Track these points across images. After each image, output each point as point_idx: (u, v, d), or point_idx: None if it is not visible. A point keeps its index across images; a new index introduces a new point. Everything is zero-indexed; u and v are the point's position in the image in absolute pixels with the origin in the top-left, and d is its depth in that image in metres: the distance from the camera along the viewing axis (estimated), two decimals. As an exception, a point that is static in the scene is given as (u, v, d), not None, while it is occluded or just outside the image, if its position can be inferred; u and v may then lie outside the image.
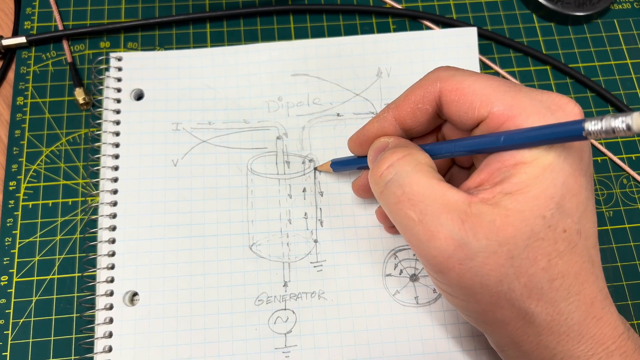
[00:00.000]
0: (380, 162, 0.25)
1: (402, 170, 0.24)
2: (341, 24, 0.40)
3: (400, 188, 0.23)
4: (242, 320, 0.31)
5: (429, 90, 0.26)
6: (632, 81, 0.39)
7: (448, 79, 0.25)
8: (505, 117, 0.23)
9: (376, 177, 0.25)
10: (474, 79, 0.24)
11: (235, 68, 0.37)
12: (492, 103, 0.23)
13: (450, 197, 0.22)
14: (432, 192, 0.23)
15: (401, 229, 0.24)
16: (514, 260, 0.22)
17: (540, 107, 0.23)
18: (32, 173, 0.35)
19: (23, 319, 0.32)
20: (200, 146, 0.35)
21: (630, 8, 0.41)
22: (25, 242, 0.33)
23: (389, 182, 0.24)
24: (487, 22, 0.41)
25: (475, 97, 0.24)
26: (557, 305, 0.22)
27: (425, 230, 0.22)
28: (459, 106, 0.25)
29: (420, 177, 0.23)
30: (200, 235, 0.33)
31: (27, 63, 0.38)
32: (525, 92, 0.23)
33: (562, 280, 0.22)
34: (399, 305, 0.32)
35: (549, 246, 0.22)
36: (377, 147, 0.27)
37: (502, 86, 0.24)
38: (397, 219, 0.24)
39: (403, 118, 0.27)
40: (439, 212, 0.22)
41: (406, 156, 0.24)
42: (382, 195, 0.24)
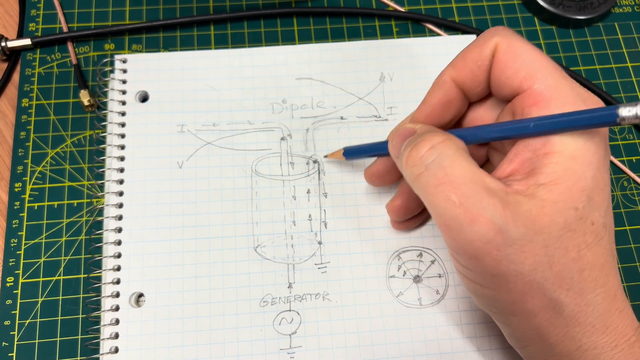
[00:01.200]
0: (421, 144, 0.24)
1: (444, 152, 0.23)
2: (344, 26, 0.40)
3: (442, 170, 0.23)
4: (248, 321, 0.32)
5: (486, 45, 0.25)
6: (632, 84, 0.40)
7: (505, 37, 0.25)
8: (541, 97, 0.23)
9: (415, 159, 0.24)
10: (528, 48, 0.24)
11: (239, 71, 0.37)
12: (536, 79, 0.23)
13: (489, 183, 0.22)
14: (474, 176, 0.22)
15: (438, 212, 0.23)
16: (548, 249, 0.22)
17: (577, 98, 0.23)
18: (38, 174, 0.35)
19: (29, 320, 0.32)
20: (205, 148, 0.35)
21: (631, 12, 0.42)
22: (31, 244, 0.34)
23: (431, 163, 0.23)
24: (489, 25, 0.41)
25: (523, 67, 0.24)
26: (585, 295, 0.23)
27: (466, 213, 0.22)
28: (505, 68, 0.24)
29: (462, 160, 0.23)
30: (206, 237, 0.33)
31: (32, 65, 0.38)
32: (568, 81, 0.24)
33: (590, 272, 0.22)
34: (403, 307, 0.32)
35: (579, 237, 0.22)
36: (402, 133, 0.27)
37: (549, 66, 0.24)
38: (436, 201, 0.23)
39: (462, 79, 0.26)
40: (481, 196, 0.22)
41: (447, 140, 0.24)
42: (421, 177, 0.24)
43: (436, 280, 0.33)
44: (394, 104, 0.37)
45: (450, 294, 0.33)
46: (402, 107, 0.36)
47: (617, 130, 0.38)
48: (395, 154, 0.27)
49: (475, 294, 0.25)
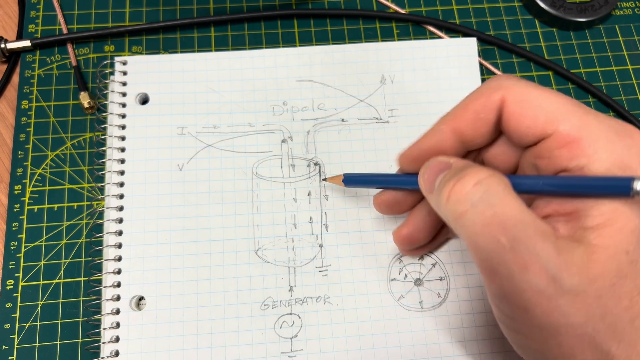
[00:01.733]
0: (465, 179, 0.22)
1: (493, 189, 0.21)
2: (345, 28, 0.40)
3: (490, 208, 0.21)
4: (248, 324, 0.31)
5: (490, 98, 0.24)
6: (633, 87, 0.40)
7: (511, 88, 0.23)
8: (570, 138, 0.22)
9: (459, 195, 0.22)
10: (540, 91, 0.23)
11: (240, 73, 0.37)
12: (559, 121, 0.22)
13: (541, 226, 0.21)
14: (525, 217, 0.21)
15: (484, 256, 0.21)
16: (601, 299, 0.20)
17: (609, 131, 0.22)
18: (37, 177, 0.35)
19: (29, 323, 0.32)
20: (205, 150, 0.35)
21: (632, 14, 0.42)
22: (31, 246, 0.34)
23: (477, 201, 0.21)
24: (490, 28, 0.41)
25: (541, 112, 0.23)
26: (635, 346, 0.21)
27: (517, 258, 0.20)
28: (521, 119, 0.23)
29: (512, 199, 0.21)
30: (206, 239, 0.33)
31: (32, 66, 0.38)
32: (594, 115, 0.22)
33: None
34: (404, 310, 0.32)
35: (631, 283, 0.21)
36: (435, 166, 0.25)
37: (569, 104, 0.22)
38: (483, 243, 0.21)
39: (462, 130, 0.25)
40: (534, 240, 0.20)
41: (493, 175, 0.22)
42: (465, 216, 0.22)
43: (437, 284, 0.33)
44: (394, 106, 0.36)
45: (451, 297, 0.33)
46: (403, 110, 0.36)
47: (618, 132, 0.38)
48: (428, 188, 0.25)
49: (519, 346, 0.24)
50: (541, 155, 0.23)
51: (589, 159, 0.21)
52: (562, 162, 0.22)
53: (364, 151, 0.35)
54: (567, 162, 0.22)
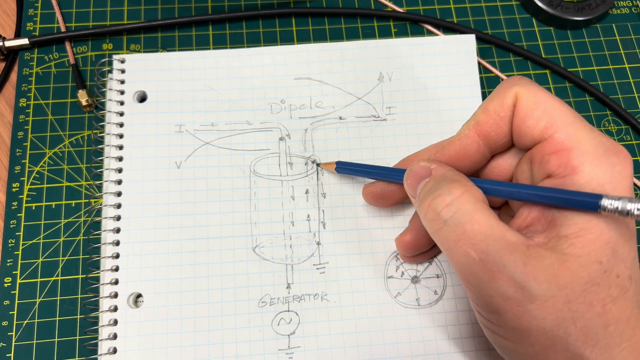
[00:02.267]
0: (438, 199, 0.24)
1: (462, 208, 0.23)
2: (343, 27, 0.40)
3: (460, 227, 0.23)
4: (246, 321, 0.32)
5: (506, 95, 0.25)
6: (629, 85, 0.40)
7: (524, 86, 0.25)
8: (562, 146, 0.23)
9: (433, 214, 0.24)
10: (548, 96, 0.24)
11: (238, 71, 0.37)
12: (557, 128, 0.23)
13: (509, 238, 0.22)
14: (493, 232, 0.22)
15: (458, 267, 0.24)
16: (571, 304, 0.21)
17: (599, 147, 0.23)
18: (35, 175, 0.35)
19: (27, 321, 0.32)
20: (203, 148, 0.35)
21: (629, 13, 0.42)
22: (29, 244, 0.34)
23: (448, 220, 0.23)
24: (488, 26, 0.41)
25: (544, 115, 0.24)
26: (611, 351, 0.22)
27: (486, 270, 0.22)
28: (526, 117, 0.24)
29: (480, 216, 0.23)
30: (204, 237, 0.33)
31: (30, 64, 0.38)
32: (589, 129, 0.23)
33: (616, 326, 0.22)
34: (401, 307, 0.32)
35: (604, 291, 0.22)
36: (417, 172, 0.26)
37: (570, 115, 0.24)
38: (455, 257, 0.23)
39: (487, 131, 0.26)
40: (500, 253, 0.22)
41: (464, 193, 0.24)
42: (440, 232, 0.24)
43: (434, 281, 0.33)
44: (392, 103, 0.37)
45: (448, 294, 0.33)
46: (401, 107, 0.36)
47: (615, 131, 0.39)
48: (411, 193, 0.27)
49: (497, 346, 0.25)
50: (535, 159, 0.25)
51: (573, 170, 0.23)
52: (550, 167, 0.24)
53: (361, 149, 0.35)
54: (554, 168, 0.23)
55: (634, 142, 0.38)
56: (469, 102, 0.37)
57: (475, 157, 0.27)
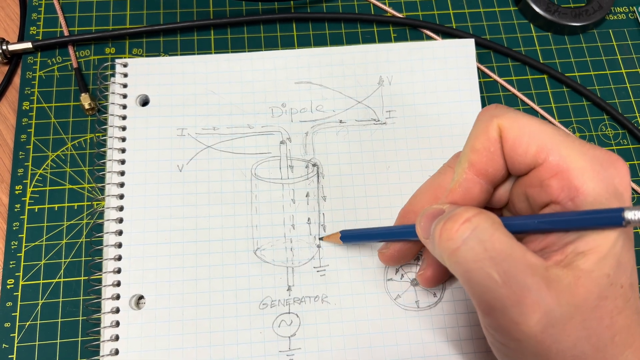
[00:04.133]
0: (454, 218, 0.23)
1: (481, 225, 0.22)
2: (343, 32, 0.41)
3: (481, 245, 0.22)
4: (247, 323, 0.32)
5: (489, 129, 0.25)
6: (626, 90, 0.40)
7: (504, 115, 0.24)
8: (558, 169, 0.23)
9: (450, 233, 0.23)
10: (529, 120, 0.24)
11: (239, 75, 0.37)
12: (549, 151, 0.23)
13: (530, 259, 0.21)
14: (514, 251, 0.21)
15: (477, 291, 0.22)
16: (586, 322, 0.21)
17: (594, 162, 0.23)
18: (38, 177, 0.35)
19: (29, 322, 0.32)
20: (205, 151, 0.35)
21: (625, 19, 0.42)
22: (32, 246, 0.34)
23: (467, 238, 0.22)
24: (486, 32, 0.41)
25: (532, 141, 0.24)
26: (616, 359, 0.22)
27: (510, 293, 0.21)
28: (515, 146, 0.24)
29: (501, 234, 0.22)
30: (206, 240, 0.33)
31: (33, 68, 0.38)
32: (579, 145, 0.23)
33: (620, 336, 0.22)
34: (400, 309, 0.33)
35: (611, 304, 0.22)
36: (430, 214, 0.25)
37: (557, 135, 0.23)
38: (475, 279, 0.22)
39: (484, 169, 0.25)
40: (524, 275, 0.21)
41: (481, 213, 0.23)
42: (457, 253, 0.22)
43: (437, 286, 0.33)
44: (392, 107, 0.37)
45: (447, 296, 0.33)
46: (400, 111, 0.37)
47: (612, 135, 0.39)
48: (425, 235, 0.26)
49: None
50: (532, 184, 0.24)
51: (578, 191, 0.22)
52: (552, 192, 0.23)
53: (361, 152, 0.36)
54: (557, 193, 0.23)
55: (630, 146, 0.39)
56: (468, 106, 0.37)
57: (481, 197, 0.26)
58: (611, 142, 0.39)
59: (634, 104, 0.40)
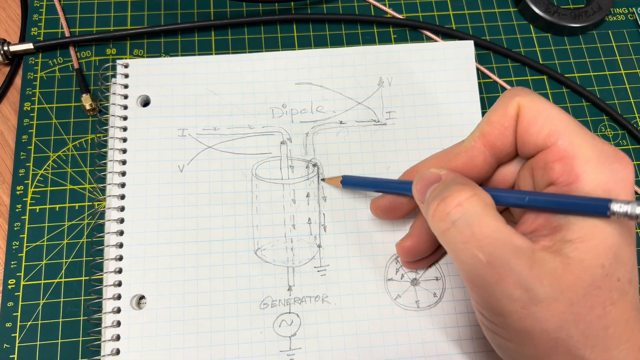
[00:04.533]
0: (447, 200, 0.24)
1: (471, 210, 0.23)
2: (343, 33, 0.41)
3: (469, 228, 0.23)
4: (248, 323, 0.32)
5: (509, 105, 0.25)
6: (626, 91, 0.40)
7: (526, 96, 0.25)
8: (565, 154, 0.23)
9: (442, 214, 0.24)
10: (549, 105, 0.25)
11: (240, 75, 0.37)
12: (560, 136, 0.24)
13: (516, 242, 0.22)
14: (501, 235, 0.23)
15: (464, 269, 0.24)
16: (574, 307, 0.22)
17: (600, 155, 0.23)
18: (39, 178, 0.36)
19: (30, 322, 0.32)
20: (205, 152, 0.35)
21: (625, 20, 0.43)
22: (33, 246, 0.34)
23: (457, 220, 0.23)
24: (486, 33, 0.42)
25: (546, 124, 0.24)
26: (610, 352, 0.22)
27: (493, 272, 0.22)
28: (529, 126, 0.25)
29: (489, 219, 0.23)
30: (206, 240, 0.33)
31: (34, 69, 0.38)
32: (590, 137, 0.24)
33: (615, 328, 0.22)
34: (401, 309, 0.33)
35: (605, 294, 0.22)
36: (427, 178, 0.27)
37: (572, 123, 0.24)
38: (462, 258, 0.23)
39: (492, 142, 0.26)
40: (508, 256, 0.22)
41: (473, 196, 0.24)
42: (448, 233, 0.24)
43: (433, 283, 0.33)
44: (392, 108, 0.37)
45: (447, 296, 0.33)
46: (400, 112, 0.37)
47: (611, 136, 0.39)
48: (420, 198, 0.27)
49: (498, 347, 0.25)
50: (537, 166, 0.25)
51: (577, 178, 0.23)
52: (553, 174, 0.24)
53: (361, 153, 0.36)
54: (557, 176, 0.24)
55: (630, 147, 0.39)
56: (468, 107, 0.37)
57: (483, 168, 0.27)
58: (611, 142, 0.39)
59: (634, 104, 0.40)
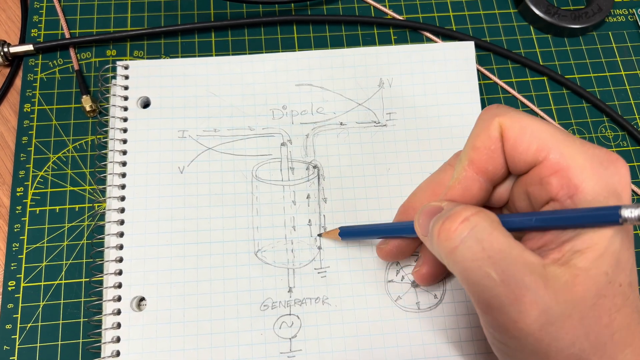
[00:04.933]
0: (453, 217, 0.23)
1: (480, 225, 0.22)
2: (343, 34, 0.41)
3: (479, 244, 0.22)
4: (248, 325, 0.32)
5: (490, 127, 0.25)
6: (626, 92, 0.40)
7: (505, 114, 0.25)
8: (559, 166, 0.23)
9: (448, 232, 0.23)
10: (530, 119, 0.24)
11: (240, 77, 0.37)
12: (550, 149, 0.23)
13: (528, 258, 0.22)
14: (512, 250, 0.22)
15: (476, 290, 0.23)
16: (584, 320, 0.21)
17: (594, 160, 0.23)
18: (39, 179, 0.35)
19: (30, 324, 0.32)
20: (206, 153, 0.35)
21: (625, 21, 0.43)
22: (33, 248, 0.34)
23: (466, 237, 0.22)
24: (486, 34, 0.42)
25: (533, 138, 0.24)
26: (615, 358, 0.22)
27: (508, 292, 0.21)
28: (516, 145, 0.24)
29: (499, 233, 0.22)
30: (207, 241, 0.33)
31: (34, 70, 0.38)
32: (579, 144, 0.23)
33: (620, 334, 0.22)
34: (401, 311, 0.33)
35: (610, 302, 0.22)
36: (428, 211, 0.25)
37: (558, 133, 0.24)
38: (473, 278, 0.22)
39: (484, 167, 0.26)
40: (522, 273, 0.21)
41: (479, 212, 0.23)
42: (456, 251, 0.23)
43: (434, 285, 0.33)
44: (392, 109, 0.37)
45: (447, 298, 0.33)
46: (401, 113, 0.37)
47: (612, 137, 0.39)
48: (423, 232, 0.26)
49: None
50: (532, 182, 0.24)
51: (577, 188, 0.23)
52: (552, 189, 0.23)
53: (362, 154, 0.36)
54: (557, 190, 0.23)
55: (630, 148, 0.39)
56: (468, 108, 0.37)
57: (480, 195, 0.26)
58: (611, 143, 0.39)
59: (634, 105, 0.40)
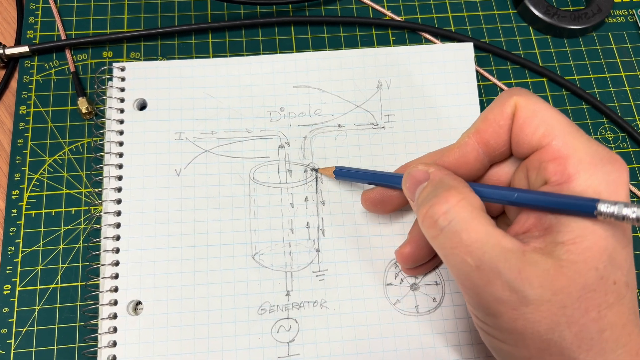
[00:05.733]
0: (435, 207, 0.24)
1: (458, 217, 0.24)
2: (341, 35, 0.41)
3: (457, 235, 0.23)
4: (246, 329, 0.32)
5: (506, 105, 0.26)
6: (626, 93, 0.40)
7: (523, 95, 0.25)
8: (559, 154, 0.24)
9: (430, 222, 0.25)
10: (546, 106, 0.25)
11: (237, 79, 0.37)
12: (555, 136, 0.24)
13: (505, 245, 0.23)
14: (489, 239, 0.23)
15: (455, 272, 0.24)
16: (566, 309, 0.22)
17: (595, 156, 0.23)
18: (35, 182, 0.35)
19: (26, 328, 0.32)
20: (203, 156, 0.35)
21: (625, 22, 0.42)
22: (28, 251, 0.34)
23: (445, 228, 0.24)
24: (485, 35, 0.41)
25: (542, 123, 0.24)
26: (606, 356, 0.22)
27: (481, 276, 0.23)
28: (524, 126, 0.25)
29: (477, 224, 0.23)
30: (204, 244, 0.33)
31: (30, 72, 0.38)
32: (585, 138, 0.24)
33: (611, 332, 0.22)
34: (400, 314, 0.32)
35: (600, 297, 0.22)
36: (415, 176, 0.27)
37: (567, 124, 0.24)
38: (452, 262, 0.24)
39: (486, 139, 0.27)
40: (496, 260, 0.22)
41: (461, 201, 0.24)
42: (437, 239, 0.24)
43: (433, 288, 0.33)
44: (391, 111, 0.37)
45: (446, 301, 0.33)
46: (399, 115, 0.37)
47: (611, 138, 0.39)
48: (409, 196, 0.28)
49: (493, 348, 0.25)
50: (532, 166, 0.25)
51: (570, 178, 0.23)
52: (546, 174, 0.24)
53: (360, 157, 0.36)
54: (550, 175, 0.24)
55: (630, 149, 0.39)
56: (467, 109, 0.37)
57: (474, 165, 0.27)
58: (611, 145, 0.39)
59: (634, 107, 0.40)
